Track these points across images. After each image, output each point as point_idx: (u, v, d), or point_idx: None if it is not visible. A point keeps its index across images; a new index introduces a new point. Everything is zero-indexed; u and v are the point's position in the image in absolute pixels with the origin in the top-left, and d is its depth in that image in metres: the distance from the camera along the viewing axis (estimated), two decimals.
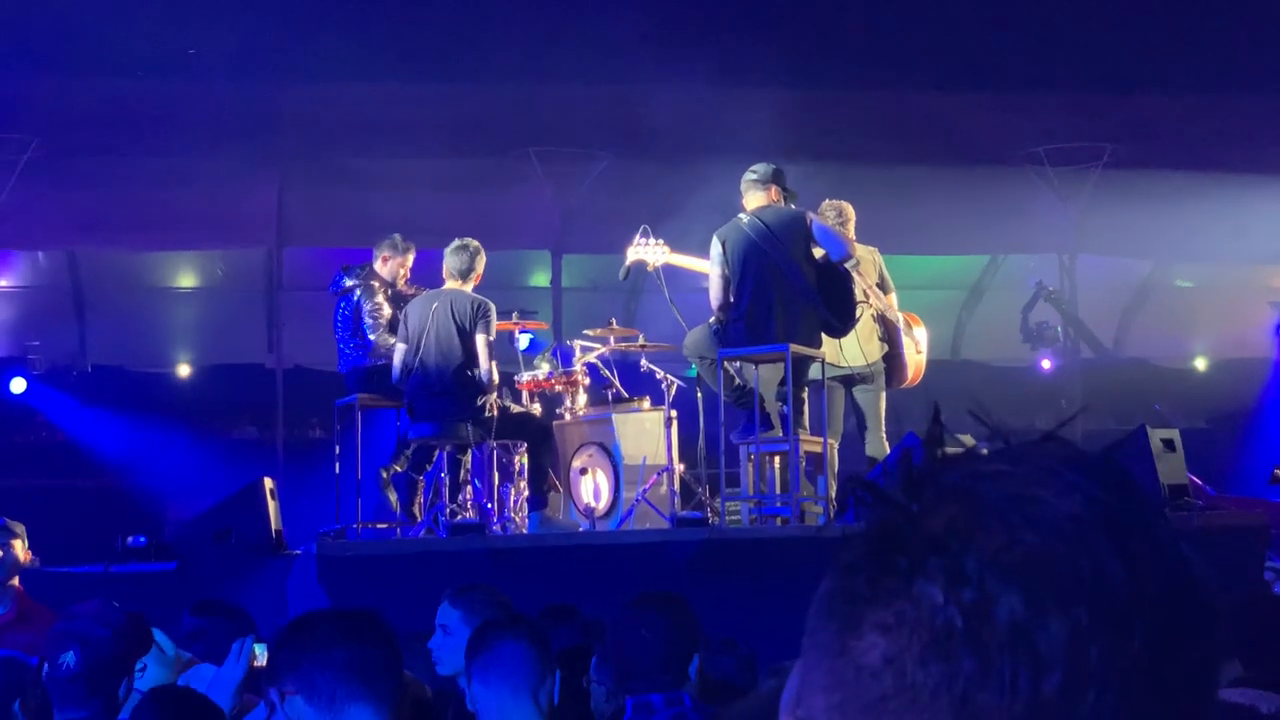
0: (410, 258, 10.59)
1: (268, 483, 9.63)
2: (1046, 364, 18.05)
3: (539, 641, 4.10)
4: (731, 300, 9.14)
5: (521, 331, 11.17)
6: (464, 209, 15.55)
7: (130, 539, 10.02)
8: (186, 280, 17.43)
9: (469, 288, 9.84)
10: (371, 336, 10.15)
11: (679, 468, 9.81)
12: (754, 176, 9.31)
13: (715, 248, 9.24)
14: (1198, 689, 0.85)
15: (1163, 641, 0.83)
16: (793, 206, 9.36)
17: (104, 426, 15.63)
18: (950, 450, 0.91)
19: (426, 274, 11.13)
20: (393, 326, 10.09)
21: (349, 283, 10.39)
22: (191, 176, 15.03)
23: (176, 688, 4.40)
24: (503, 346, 10.53)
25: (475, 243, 10.03)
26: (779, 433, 9.17)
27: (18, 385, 15.57)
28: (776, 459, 9.31)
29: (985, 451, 0.90)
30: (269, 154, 15.05)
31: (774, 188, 9.29)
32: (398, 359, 9.77)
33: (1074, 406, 16.59)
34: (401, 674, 3.15)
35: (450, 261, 9.93)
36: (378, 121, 15.11)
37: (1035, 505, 0.84)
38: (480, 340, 9.60)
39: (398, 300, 10.28)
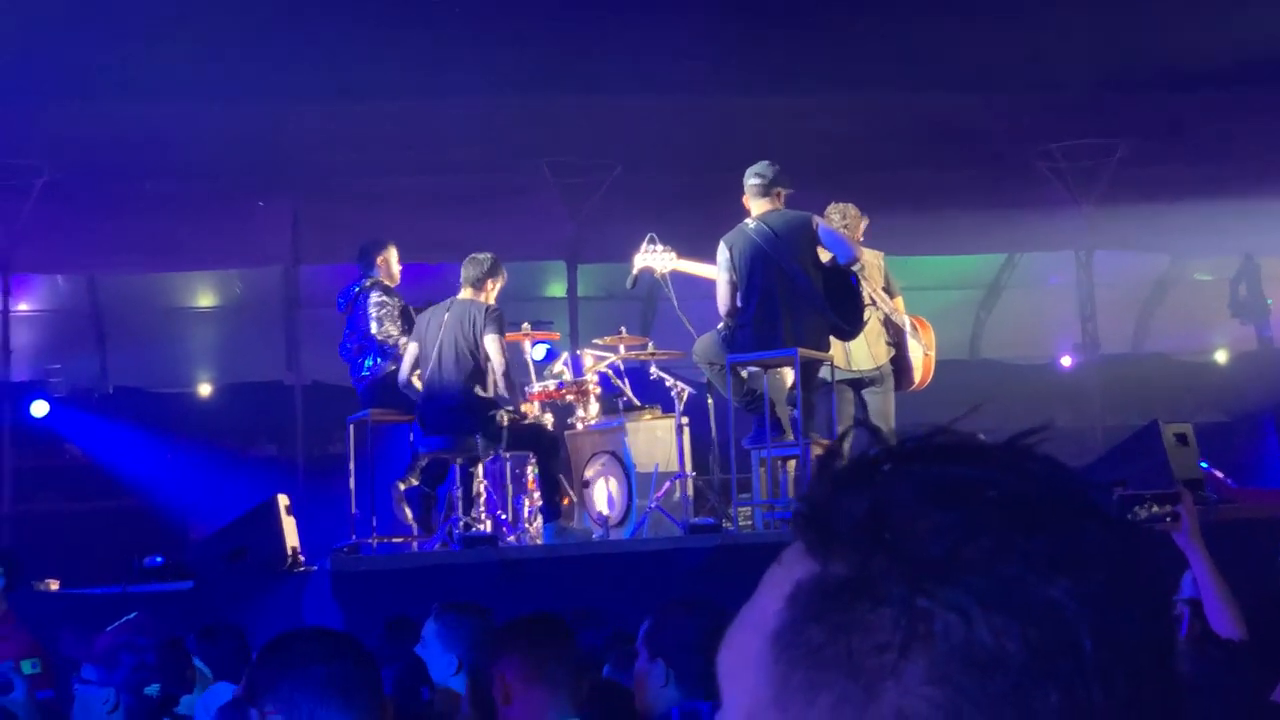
0: (393, 249, 10.65)
1: (282, 500, 9.66)
2: (1066, 361, 18.01)
3: (568, 641, 4.14)
4: (739, 306, 9.15)
5: (536, 343, 11.19)
6: (478, 221, 15.61)
7: (147, 559, 10.08)
8: (205, 300, 17.54)
9: (482, 298, 9.85)
10: (374, 330, 10.18)
11: (691, 475, 9.82)
12: (757, 181, 9.31)
13: (722, 253, 9.24)
14: (1154, 680, 0.85)
15: (1112, 641, 0.83)
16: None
17: (126, 448, 15.71)
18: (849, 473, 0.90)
19: (444, 289, 11.19)
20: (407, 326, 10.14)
21: (356, 289, 10.46)
22: (207, 198, 15.12)
23: None
24: (515, 357, 10.56)
25: (490, 255, 10.05)
26: (790, 437, 9.17)
27: (40, 409, 15.67)
28: (789, 463, 9.31)
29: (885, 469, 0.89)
30: (283, 174, 15.13)
31: (778, 190, 9.29)
32: (407, 361, 9.80)
33: (1094, 402, 16.56)
34: (380, 690, 3.17)
35: (464, 272, 9.98)
36: (390, 138, 15.18)
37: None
38: (490, 340, 9.58)
39: (405, 315, 10.34)
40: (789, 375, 9.17)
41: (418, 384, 9.78)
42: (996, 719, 0.82)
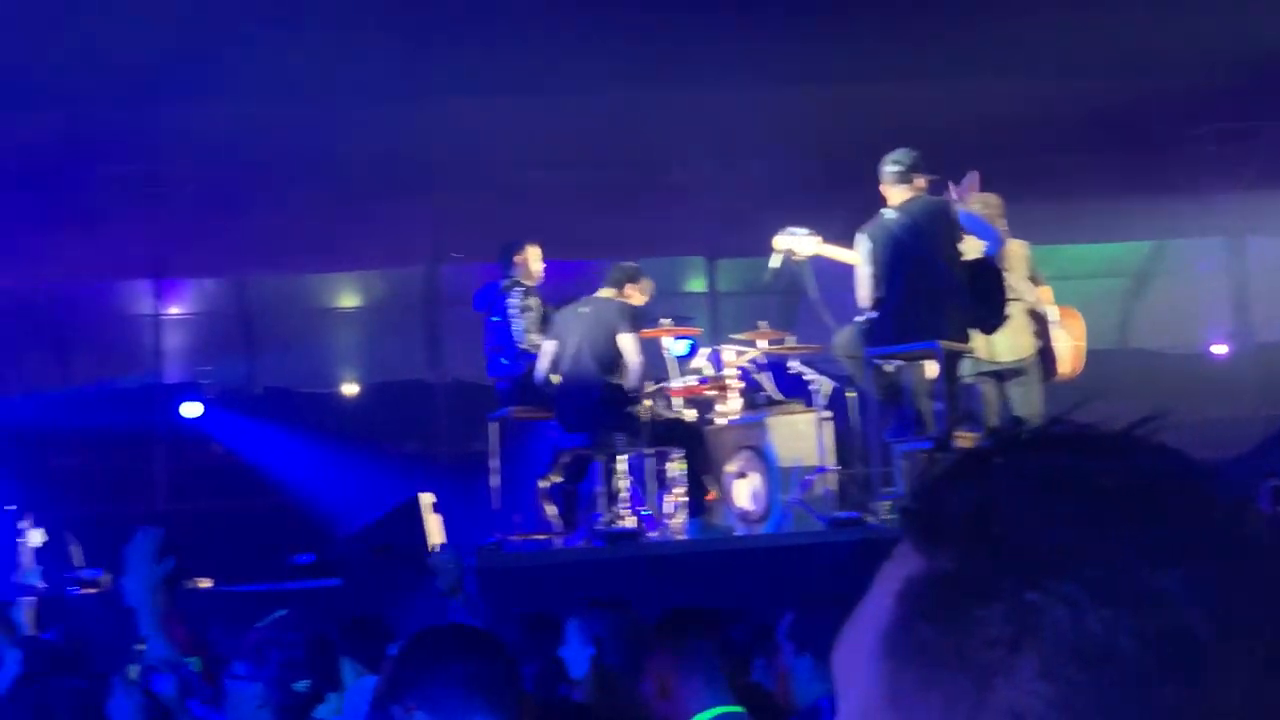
0: (533, 247, 10.71)
1: (427, 497, 9.77)
2: (1220, 349, 17.59)
3: (721, 634, 4.16)
4: (879, 297, 9.04)
5: (678, 338, 11.19)
6: (618, 217, 15.64)
7: (298, 556, 10.25)
8: (350, 300, 17.78)
9: (620, 299, 9.95)
10: (517, 334, 10.26)
11: (833, 469, 9.75)
12: (896, 169, 9.18)
13: (862, 244, 9.15)
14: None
15: (1232, 633, 0.81)
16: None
17: (274, 447, 15.99)
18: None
19: (586, 287, 11.30)
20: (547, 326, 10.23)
21: (496, 289, 10.54)
22: (351, 198, 15.32)
23: None
24: (655, 353, 10.56)
25: (635, 265, 10.25)
26: (933, 430, 9.04)
27: (192, 410, 15.99)
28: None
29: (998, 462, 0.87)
30: (425, 171, 15.27)
31: (917, 178, 9.16)
32: (546, 359, 9.87)
33: (1249, 391, 16.16)
34: (521, 687, 3.17)
35: (607, 275, 10.12)
36: (530, 134, 15.24)
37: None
38: (624, 337, 9.64)
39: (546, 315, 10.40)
40: (931, 368, 9.05)
41: (557, 381, 9.83)
42: (1110, 714, 0.80)
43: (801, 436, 9.89)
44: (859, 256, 9.16)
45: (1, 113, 13.35)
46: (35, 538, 14.23)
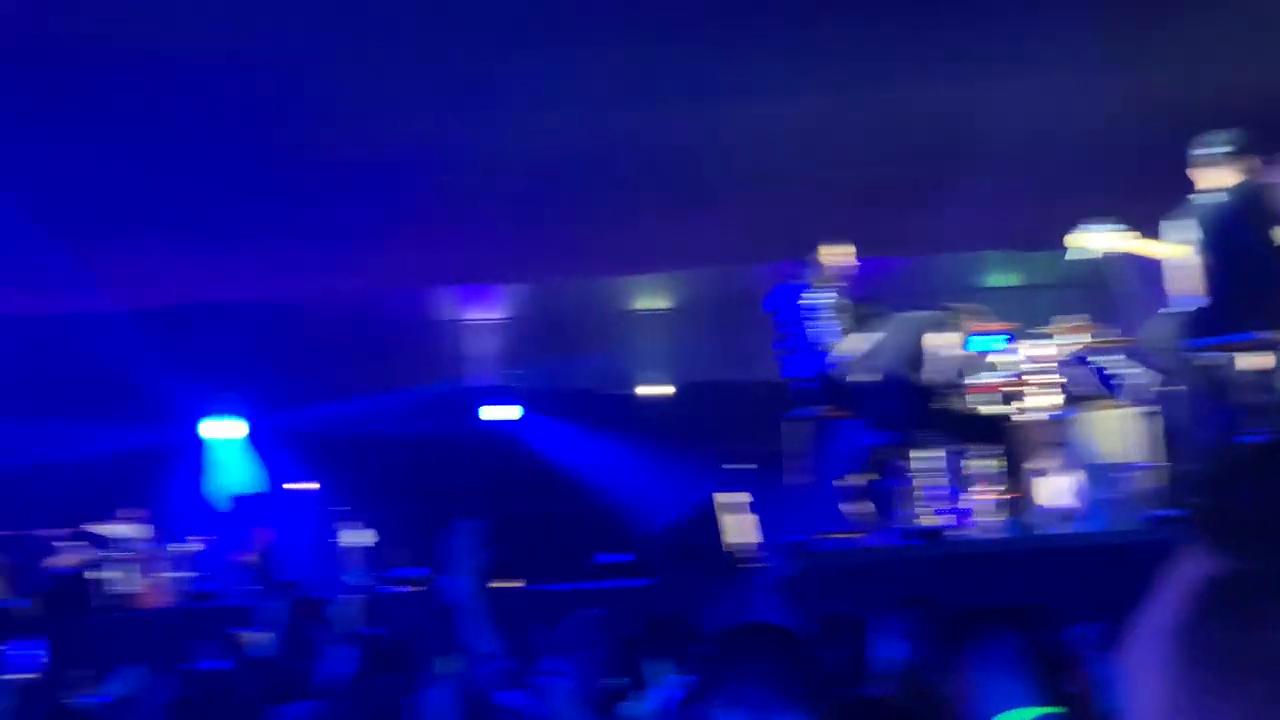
0: (836, 249, 10.70)
1: (733, 498, 9.84)
2: None
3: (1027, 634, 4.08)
4: (1198, 286, 8.68)
5: (986, 334, 11.02)
6: (921, 214, 15.44)
7: (606, 557, 10.43)
8: (654, 302, 17.99)
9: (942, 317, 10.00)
10: (815, 332, 10.25)
11: (1151, 465, 9.43)
12: (1215, 151, 8.79)
13: (1176, 233, 8.81)
14: None
15: None
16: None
17: (583, 449, 16.30)
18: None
19: (886, 284, 11.25)
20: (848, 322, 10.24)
21: (792, 288, 10.57)
22: (652, 201, 15.49)
23: None
24: (964, 349, 10.42)
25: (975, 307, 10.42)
26: (1259, 426, 8.64)
27: (501, 413, 16.42)
28: None
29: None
30: (724, 172, 15.34)
31: (1237, 161, 8.74)
32: (856, 356, 9.85)
33: None
34: (824, 686, 3.16)
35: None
36: (829, 132, 15.16)
37: None
38: (935, 336, 9.56)
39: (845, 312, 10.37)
40: (1257, 360, 8.65)
41: (864, 379, 9.78)
42: None
43: (1116, 432, 9.61)
44: (1170, 247, 8.81)
45: (316, 131, 13.91)
46: (361, 538, 14.85)
